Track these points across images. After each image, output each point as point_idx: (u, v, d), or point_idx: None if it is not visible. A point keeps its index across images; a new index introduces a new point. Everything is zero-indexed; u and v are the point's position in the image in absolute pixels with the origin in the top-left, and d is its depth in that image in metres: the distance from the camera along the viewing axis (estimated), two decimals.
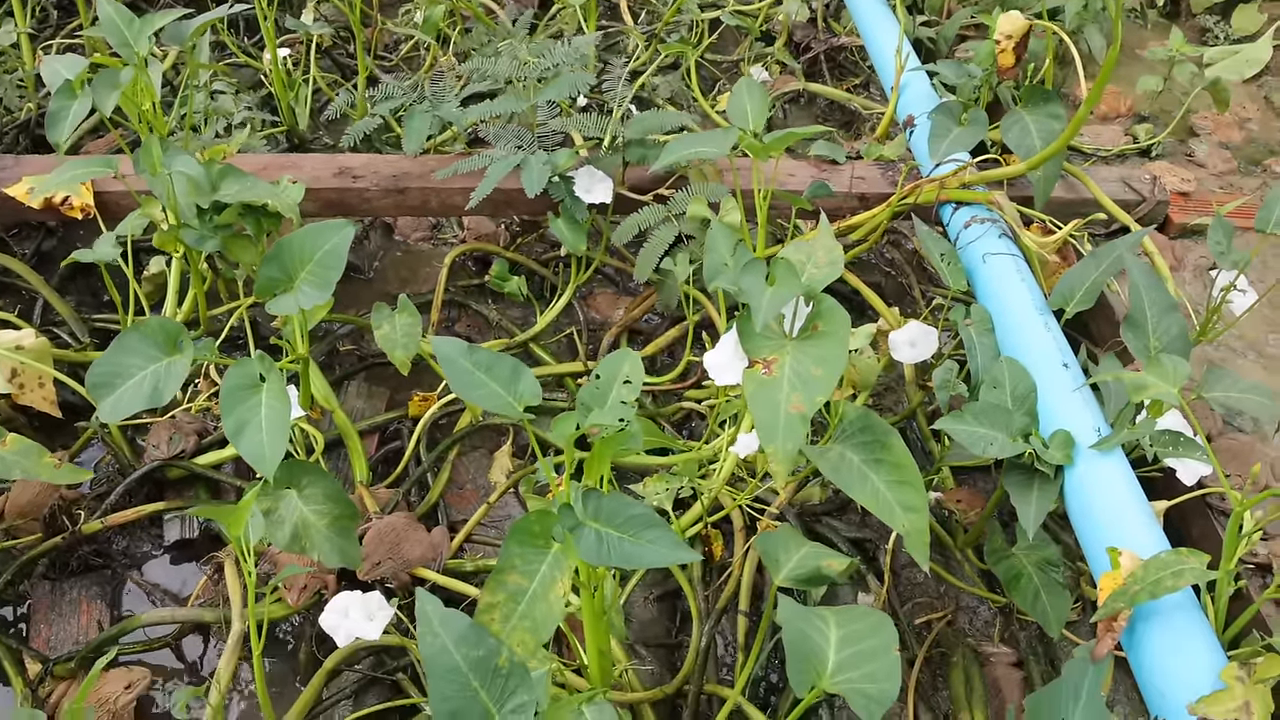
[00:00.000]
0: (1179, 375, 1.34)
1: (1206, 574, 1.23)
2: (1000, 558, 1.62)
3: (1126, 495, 1.44)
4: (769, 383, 1.42)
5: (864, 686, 1.09)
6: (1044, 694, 1.11)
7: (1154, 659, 1.28)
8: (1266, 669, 1.21)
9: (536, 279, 2.47)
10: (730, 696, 1.54)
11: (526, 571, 1.16)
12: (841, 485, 1.46)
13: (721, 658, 1.82)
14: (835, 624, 1.15)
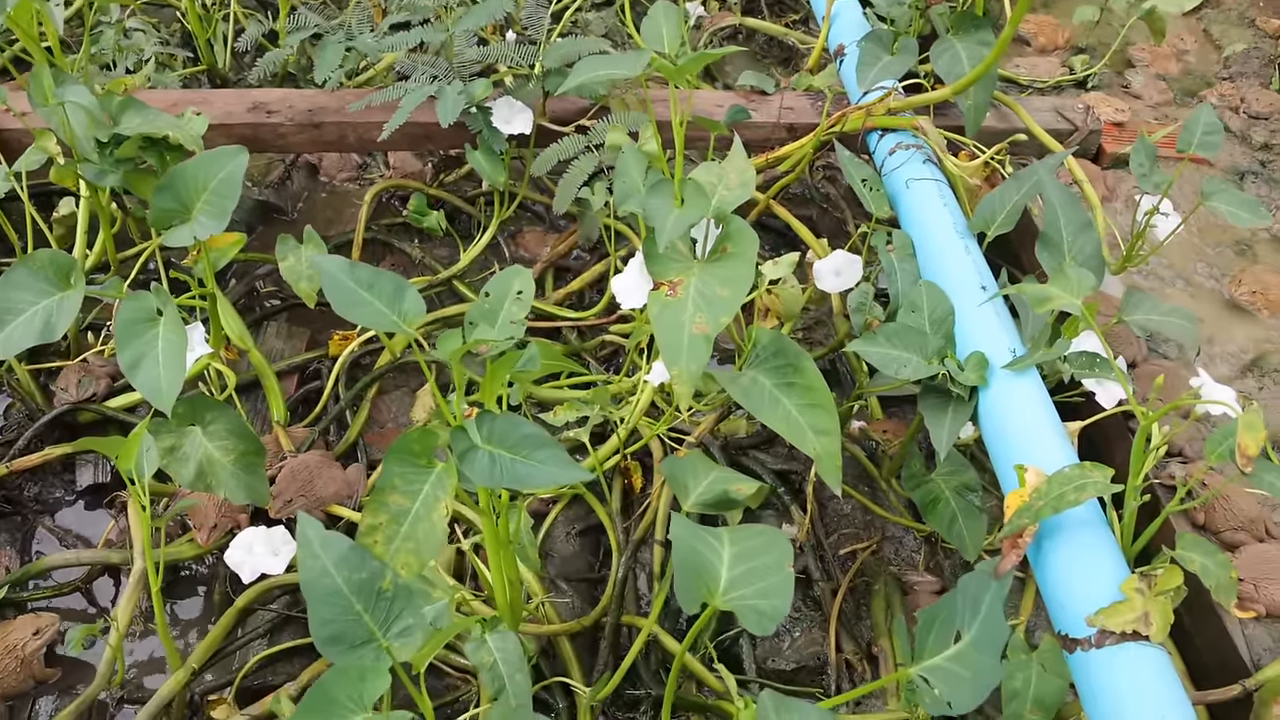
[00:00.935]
0: (1083, 286, 1.31)
1: (1110, 487, 1.21)
2: (918, 483, 1.60)
3: (1039, 415, 1.42)
4: (673, 304, 1.39)
5: (756, 603, 1.06)
6: (937, 607, 1.09)
7: (1058, 575, 1.26)
8: (1167, 581, 1.19)
9: (464, 218, 2.42)
10: (645, 625, 1.51)
11: (408, 492, 1.12)
12: (752, 410, 1.43)
13: (644, 593, 1.80)
14: (729, 542, 1.12)
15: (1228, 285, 2.08)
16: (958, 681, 1.05)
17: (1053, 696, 1.22)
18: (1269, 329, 2.01)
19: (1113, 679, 1.14)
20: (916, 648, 1.07)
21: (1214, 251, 2.17)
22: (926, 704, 1.03)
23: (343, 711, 1.04)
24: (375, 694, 1.05)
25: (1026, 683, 1.23)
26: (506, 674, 1.31)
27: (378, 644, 1.10)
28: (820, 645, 1.73)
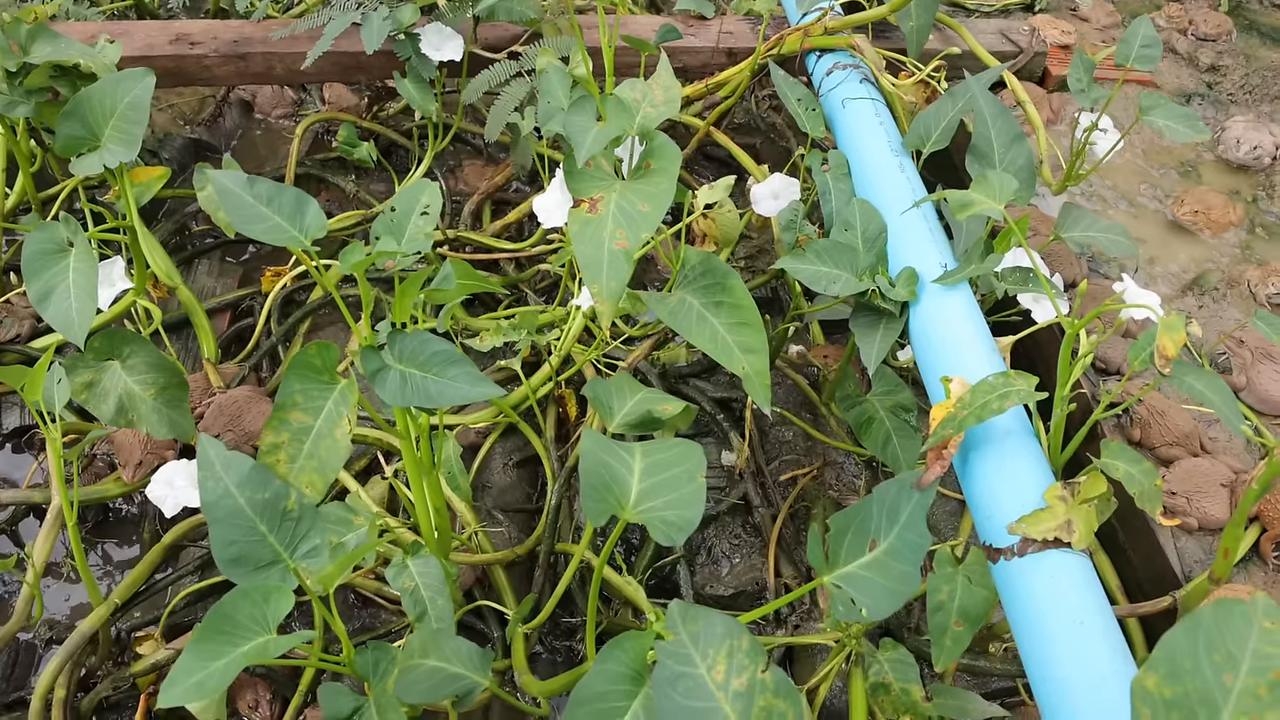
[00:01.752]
0: (1005, 191, 1.29)
1: (1033, 395, 1.19)
2: (852, 404, 1.57)
3: (968, 329, 1.40)
4: (593, 220, 1.35)
5: (665, 514, 1.04)
6: (849, 514, 1.06)
7: (984, 486, 1.25)
8: (1090, 488, 1.18)
9: (401, 152, 2.37)
10: (576, 551, 1.49)
11: (310, 409, 1.09)
12: (680, 330, 1.41)
13: (581, 521, 1.78)
14: (640, 455, 1.10)
15: (1171, 206, 2.06)
16: (873, 589, 1.03)
17: (978, 608, 1.21)
18: (1210, 248, 1.99)
19: (1033, 586, 1.13)
20: (830, 555, 1.05)
21: (1159, 173, 2.15)
22: (839, 611, 1.01)
23: (245, 633, 1.01)
24: (279, 615, 1.03)
25: (952, 595, 1.21)
26: (428, 598, 1.29)
27: (284, 565, 1.08)
28: (759, 571, 1.72)
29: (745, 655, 0.88)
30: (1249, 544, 1.51)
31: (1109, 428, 1.66)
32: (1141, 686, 0.85)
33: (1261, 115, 2.24)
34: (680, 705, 0.88)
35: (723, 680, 0.88)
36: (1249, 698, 0.84)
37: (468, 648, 1.18)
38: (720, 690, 0.88)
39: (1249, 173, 2.14)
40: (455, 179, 2.34)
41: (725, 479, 1.83)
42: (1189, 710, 0.84)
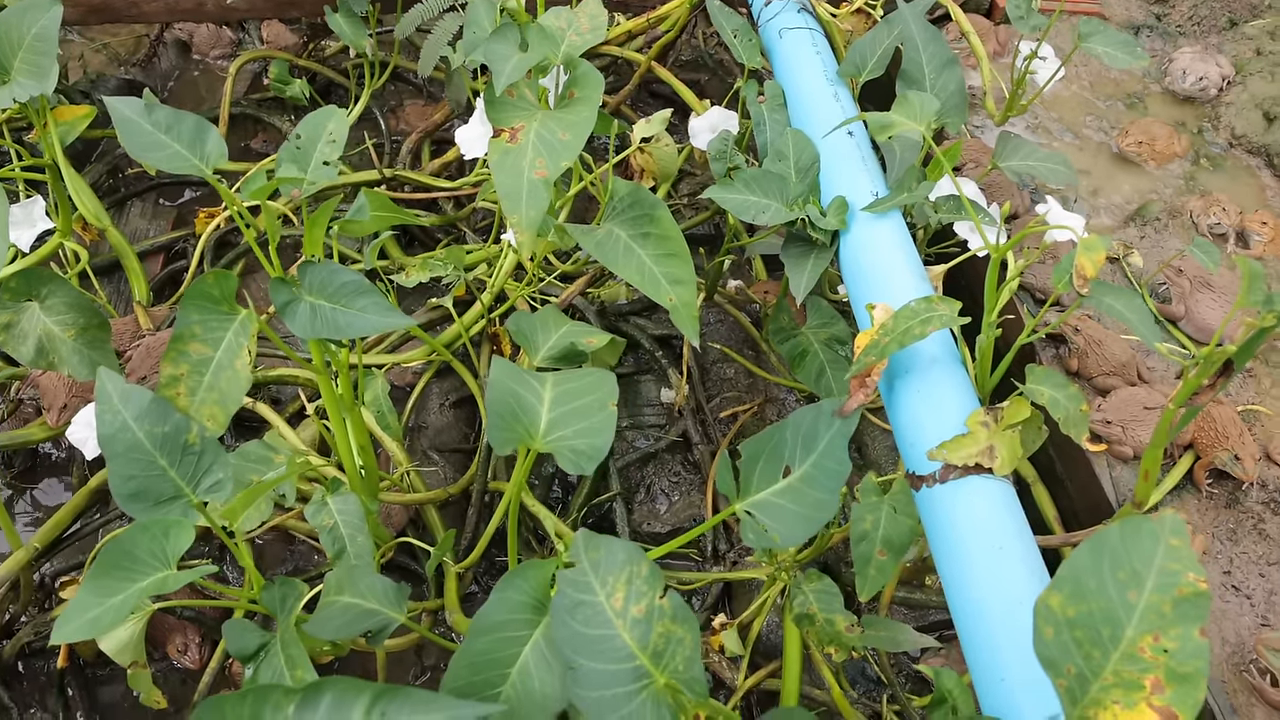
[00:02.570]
0: (926, 112, 1.26)
1: (956, 319, 1.17)
2: (786, 337, 1.55)
3: (897, 257, 1.38)
4: (513, 150, 1.32)
5: (575, 443, 1.02)
6: (760, 441, 1.04)
7: (909, 415, 1.23)
8: (1013, 414, 1.16)
9: (341, 91, 2.33)
10: (508, 490, 1.48)
11: (210, 340, 1.06)
12: (607, 263, 1.38)
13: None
14: (551, 384, 1.08)
15: (1116, 138, 2.04)
16: (785, 515, 1.01)
17: (902, 537, 1.20)
18: (1154, 179, 1.98)
19: (953, 512, 1.11)
20: (742, 483, 1.03)
21: (1105, 105, 2.13)
22: (749, 538, 1.00)
23: (143, 568, 0.99)
24: (179, 549, 1.01)
25: (876, 524, 1.20)
26: (347, 535, 1.28)
27: (186, 500, 1.05)
28: (698, 508, 1.71)
29: (644, 582, 0.87)
30: (1183, 471, 1.51)
31: (1047, 359, 1.65)
32: (1045, 605, 0.84)
33: (1209, 47, 2.21)
34: (578, 633, 0.86)
35: (621, 607, 0.86)
36: (1153, 614, 0.83)
37: (383, 584, 1.16)
38: (619, 617, 0.86)
39: (1195, 104, 2.12)
40: (397, 118, 2.30)
41: (665, 416, 1.81)
42: (1092, 628, 0.83)
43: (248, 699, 0.73)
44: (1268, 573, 1.43)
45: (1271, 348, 1.73)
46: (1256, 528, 1.46)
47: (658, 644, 0.84)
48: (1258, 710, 1.32)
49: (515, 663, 0.91)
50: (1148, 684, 0.82)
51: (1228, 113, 2.08)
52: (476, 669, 0.90)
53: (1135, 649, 0.83)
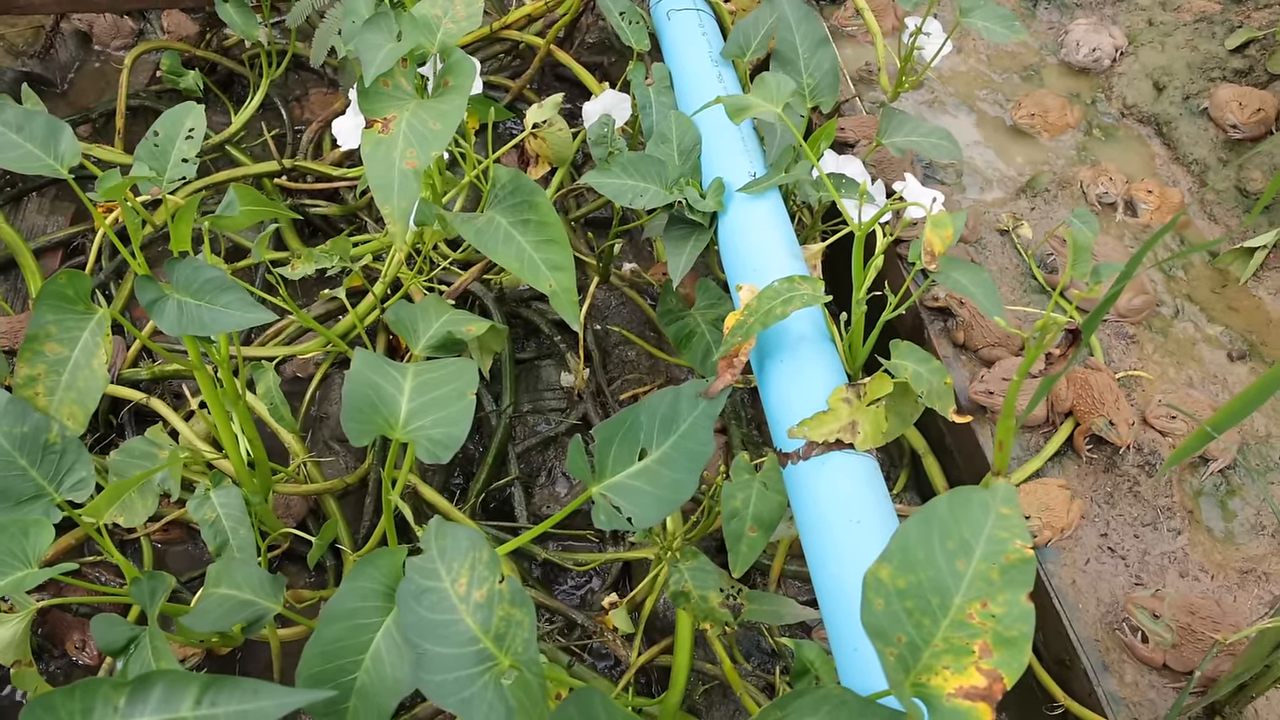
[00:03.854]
0: (782, 93, 1.28)
1: (818, 298, 1.19)
2: (674, 318, 1.57)
3: (773, 237, 1.40)
4: (384, 140, 1.33)
5: (432, 432, 1.03)
6: (614, 425, 1.06)
7: (778, 393, 1.25)
8: (876, 389, 1.19)
9: (245, 82, 2.31)
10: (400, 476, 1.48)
11: (65, 340, 1.06)
12: (486, 250, 1.39)
13: None
14: (412, 374, 1.09)
15: (1010, 110, 2.07)
16: (641, 497, 1.03)
17: (771, 514, 1.22)
18: (1047, 151, 2.01)
19: (816, 487, 1.14)
20: (598, 466, 1.05)
21: (1000, 78, 2.15)
22: (601, 519, 1.02)
23: (3, 568, 0.99)
24: (41, 547, 1.01)
25: (746, 502, 1.22)
26: (230, 528, 1.28)
27: (48, 498, 1.06)
28: None
29: (485, 567, 0.88)
30: (1064, 438, 1.54)
31: (935, 333, 1.68)
32: (875, 577, 0.86)
33: (1104, 18, 2.24)
34: (425, 619, 0.87)
35: (465, 593, 0.88)
36: (981, 582, 0.86)
37: (259, 575, 1.17)
38: (463, 603, 0.88)
39: (1089, 75, 2.15)
40: (301, 107, 2.29)
41: (566, 400, 1.83)
42: (922, 598, 0.85)
43: (77, 693, 0.73)
44: (1141, 534, 1.47)
45: (1156, 314, 1.77)
46: (1132, 490, 1.50)
47: (499, 627, 0.86)
48: (1128, 666, 1.36)
49: (369, 649, 0.92)
50: (976, 649, 0.85)
51: (1119, 83, 2.12)
52: (329, 656, 0.91)
53: (964, 616, 0.85)
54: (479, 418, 1.80)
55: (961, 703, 0.83)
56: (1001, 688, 0.83)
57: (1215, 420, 1.09)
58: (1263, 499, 1.53)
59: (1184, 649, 1.33)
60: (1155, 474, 1.51)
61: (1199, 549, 1.47)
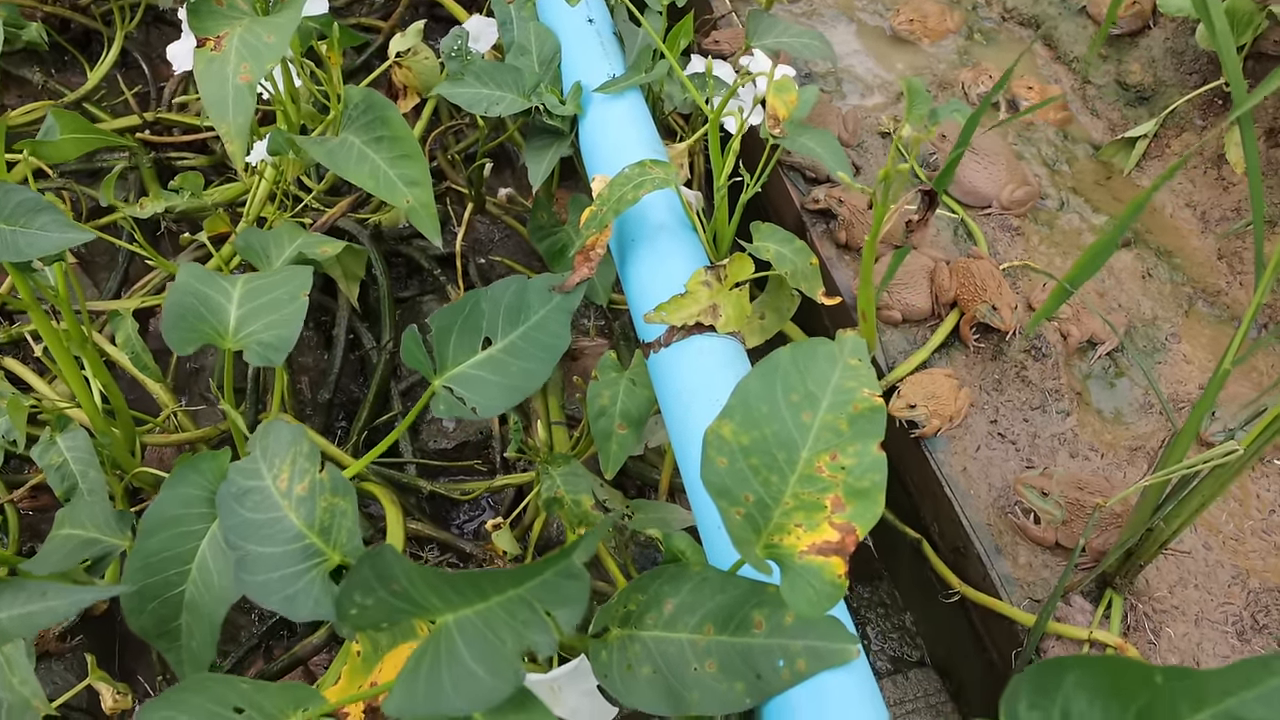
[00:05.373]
0: None
1: (669, 181, 1.15)
2: (546, 234, 1.53)
3: (630, 135, 1.36)
4: (217, 58, 1.26)
5: (263, 336, 0.98)
6: (450, 315, 1.00)
7: (638, 284, 1.21)
8: (736, 271, 1.15)
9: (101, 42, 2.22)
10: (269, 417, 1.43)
11: None
12: (340, 170, 1.33)
13: (302, 394, 1.71)
14: (242, 283, 1.03)
15: (890, 18, 2.04)
16: (486, 386, 0.99)
17: (640, 409, 1.19)
18: (928, 56, 1.98)
19: (678, 372, 1.10)
20: (438, 358, 1.00)
21: None
22: (440, 409, 0.97)
23: None
24: None
25: (614, 399, 1.19)
26: (78, 471, 1.22)
27: None
28: (486, 421, 1.68)
29: (306, 460, 0.83)
30: (949, 328, 1.52)
31: (818, 235, 1.65)
32: (717, 435, 0.83)
33: None
34: (248, 519, 0.83)
35: (286, 488, 0.83)
36: (829, 434, 0.83)
37: (105, 512, 1.11)
38: (285, 498, 0.83)
39: None
40: (167, 64, 2.20)
41: None
42: (767, 454, 0.82)
43: None
44: (1030, 417, 1.45)
45: (1041, 207, 1.76)
46: (1020, 375, 1.48)
47: (323, 519, 0.81)
48: (1022, 548, 1.34)
49: (195, 559, 0.87)
50: (828, 503, 0.81)
51: None
52: (152, 570, 0.86)
53: (813, 470, 0.82)
54: (359, 356, 1.74)
55: (814, 559, 0.80)
56: (855, 540, 0.80)
57: (1070, 275, 1.07)
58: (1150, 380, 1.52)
59: (1074, 525, 1.31)
60: (1042, 359, 1.49)
61: (1088, 429, 1.46)
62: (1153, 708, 0.55)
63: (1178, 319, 1.62)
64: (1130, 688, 0.55)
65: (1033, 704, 0.57)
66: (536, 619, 0.60)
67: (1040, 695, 0.57)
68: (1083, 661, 0.56)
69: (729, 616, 0.84)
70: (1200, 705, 0.54)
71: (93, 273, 1.88)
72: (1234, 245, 1.73)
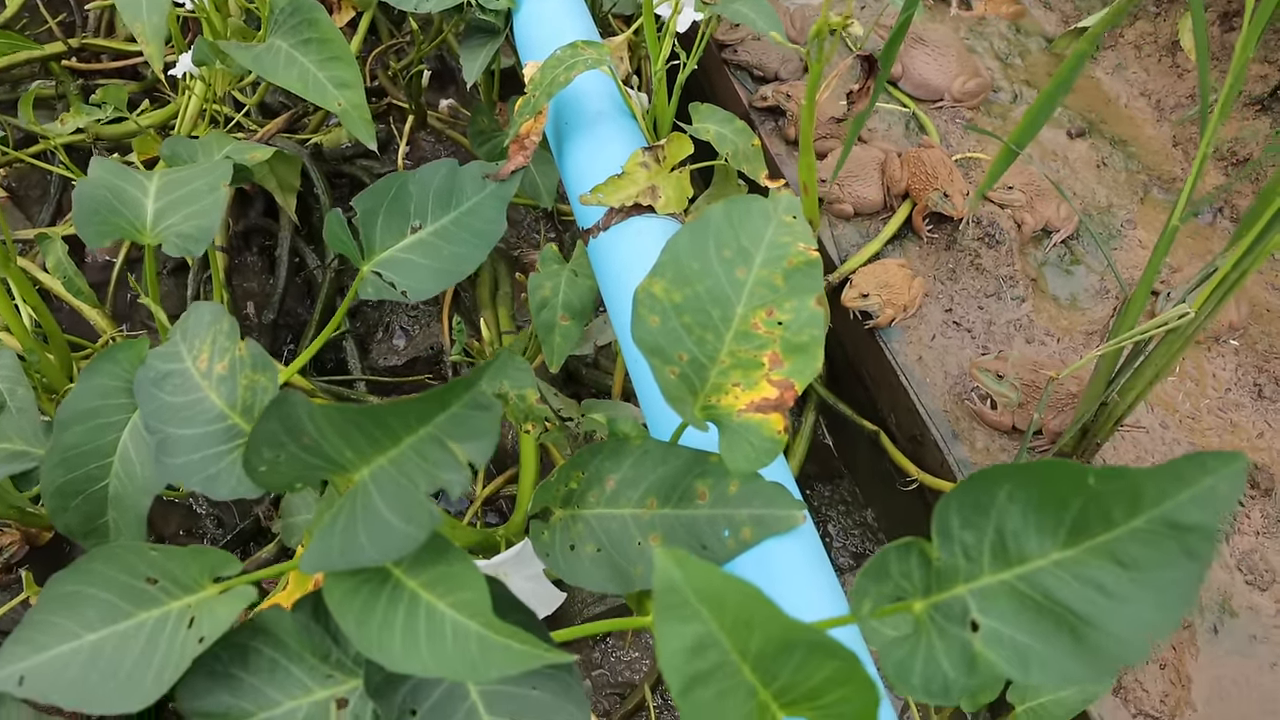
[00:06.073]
0: None
1: (602, 61, 1.12)
2: (486, 139, 1.48)
3: (566, 25, 1.31)
4: None
5: (182, 227, 0.94)
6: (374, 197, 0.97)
7: (575, 171, 1.18)
8: (674, 151, 1.12)
9: None
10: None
11: None
12: (269, 76, 1.28)
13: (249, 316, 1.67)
14: (159, 177, 0.99)
15: None
16: (416, 270, 0.95)
17: (583, 299, 1.16)
18: None
19: (618, 253, 1.07)
20: (365, 243, 0.97)
21: None
22: (369, 291, 0.94)
23: None
24: None
25: (555, 290, 1.16)
26: (5, 389, 1.18)
27: None
28: (436, 337, 1.65)
29: (226, 338, 0.80)
30: (902, 219, 1.49)
31: (766, 132, 1.62)
32: (648, 294, 0.80)
33: None
34: (167, 403, 0.79)
35: (206, 368, 0.80)
36: (764, 289, 0.80)
37: (33, 424, 1.07)
38: (205, 379, 0.80)
39: None
40: None
41: None
42: (701, 311, 0.79)
43: None
44: (985, 304, 1.43)
45: (994, 100, 1.73)
46: (974, 264, 1.46)
47: (245, 398, 0.78)
48: (979, 433, 1.32)
49: (116, 450, 0.84)
50: (766, 360, 0.79)
51: None
52: (72, 465, 0.83)
53: (749, 326, 0.79)
54: (305, 277, 1.70)
55: (753, 416, 0.78)
56: (793, 395, 0.78)
57: (1014, 135, 1.04)
58: (1105, 265, 1.50)
59: (1030, 408, 1.29)
60: (996, 246, 1.47)
61: (1044, 315, 1.44)
62: (1087, 514, 0.53)
63: (1133, 206, 1.60)
64: (1063, 494, 0.53)
65: (966, 522, 0.55)
66: (448, 457, 0.57)
67: (974, 513, 0.55)
68: (1014, 472, 0.54)
69: (672, 489, 0.82)
70: (1136, 509, 0.52)
71: (25, 207, 1.83)
72: (1189, 132, 1.71)
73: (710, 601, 0.46)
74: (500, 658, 0.57)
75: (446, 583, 0.60)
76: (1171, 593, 0.51)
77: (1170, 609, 0.51)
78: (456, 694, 0.63)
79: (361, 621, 0.59)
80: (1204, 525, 0.50)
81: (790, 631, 0.47)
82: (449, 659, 0.58)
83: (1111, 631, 0.52)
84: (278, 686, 0.65)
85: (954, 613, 0.56)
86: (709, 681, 0.47)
